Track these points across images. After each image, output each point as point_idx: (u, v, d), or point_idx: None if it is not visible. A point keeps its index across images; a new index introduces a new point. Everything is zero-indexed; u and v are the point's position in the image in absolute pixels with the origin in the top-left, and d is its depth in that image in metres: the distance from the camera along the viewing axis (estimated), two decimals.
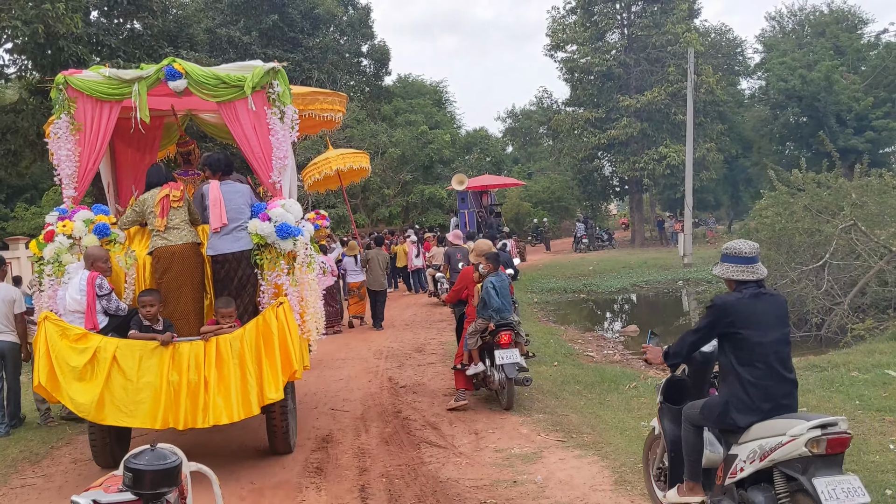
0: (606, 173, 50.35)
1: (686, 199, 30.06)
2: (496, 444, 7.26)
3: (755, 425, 4.35)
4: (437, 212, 40.28)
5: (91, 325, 6.53)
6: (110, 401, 6.28)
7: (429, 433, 7.75)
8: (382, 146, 35.92)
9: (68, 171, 6.94)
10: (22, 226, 36.22)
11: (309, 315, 7.05)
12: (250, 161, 7.18)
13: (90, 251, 6.71)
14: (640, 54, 43.17)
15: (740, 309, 4.46)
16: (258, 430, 7.72)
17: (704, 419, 4.65)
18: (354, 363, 11.92)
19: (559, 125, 45.83)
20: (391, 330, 15.39)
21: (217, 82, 6.93)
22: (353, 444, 7.51)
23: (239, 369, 6.41)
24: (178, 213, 6.97)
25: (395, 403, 9.11)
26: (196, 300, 7.04)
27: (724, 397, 4.51)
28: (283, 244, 6.81)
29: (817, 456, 4.03)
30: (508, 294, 8.62)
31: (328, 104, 9.23)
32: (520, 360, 8.33)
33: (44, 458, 7.64)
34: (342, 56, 40.95)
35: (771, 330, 4.42)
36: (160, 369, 6.37)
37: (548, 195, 55.86)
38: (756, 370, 4.38)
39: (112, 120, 7.03)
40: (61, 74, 7.00)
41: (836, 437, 4.04)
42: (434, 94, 54.50)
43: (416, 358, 12.12)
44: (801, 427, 4.08)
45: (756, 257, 4.57)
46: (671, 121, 41.69)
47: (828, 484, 3.97)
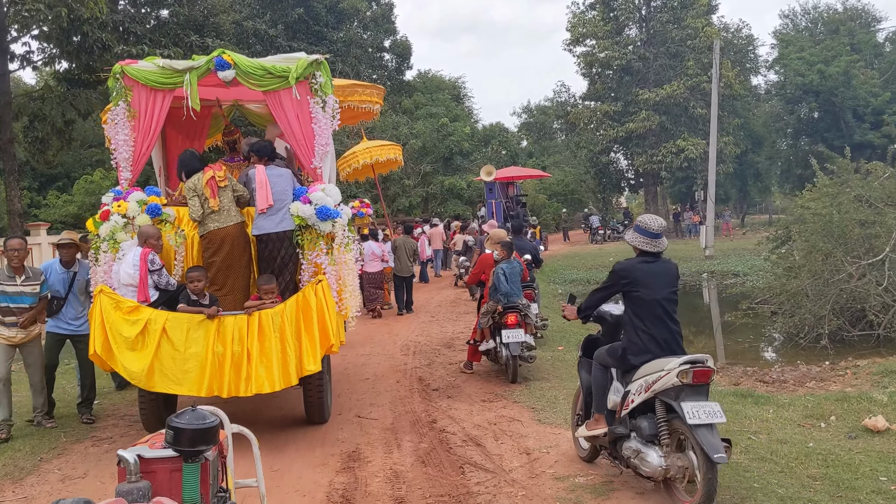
0: (621, 166, 48.70)
1: (708, 191, 28.76)
2: (554, 468, 5.84)
3: (644, 365, 5.06)
4: (456, 202, 39.15)
5: (143, 298, 6.75)
6: (159, 369, 6.50)
7: (472, 451, 6.32)
8: (403, 137, 34.76)
9: (124, 155, 7.16)
10: (53, 213, 35.50)
11: (346, 293, 7.22)
12: (293, 147, 7.40)
13: (143, 229, 6.93)
14: (660, 48, 41.70)
15: (635, 273, 5.22)
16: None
17: (609, 359, 5.39)
18: (380, 360, 10.56)
19: (577, 118, 44.34)
20: (416, 322, 14.15)
21: (263, 73, 7.13)
22: (385, 463, 6.12)
23: (279, 342, 6.61)
24: (225, 193, 7.15)
25: (428, 411, 7.71)
26: (244, 277, 7.26)
27: (623, 343, 5.30)
28: (323, 226, 6.99)
29: (686, 385, 4.75)
30: (518, 280, 9.08)
31: (367, 96, 9.37)
32: (527, 339, 8.86)
33: (29, 473, 6.36)
34: (365, 50, 39.94)
35: (660, 290, 5.16)
36: (206, 341, 6.58)
37: (562, 188, 54.54)
38: (647, 321, 5.14)
39: (165, 107, 7.23)
40: (118, 64, 7.22)
41: (700, 370, 4.78)
42: (452, 90, 53.40)
43: (446, 355, 10.74)
44: (675, 362, 4.83)
45: (661, 234, 5.32)
46: (689, 114, 40.33)
47: (693, 406, 4.70)
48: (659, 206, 50.48)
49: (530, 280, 10.57)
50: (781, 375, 10.07)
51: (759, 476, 5.46)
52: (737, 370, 10.64)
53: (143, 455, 3.21)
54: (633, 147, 43.34)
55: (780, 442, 6.29)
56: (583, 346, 5.96)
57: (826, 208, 13.23)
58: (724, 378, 9.89)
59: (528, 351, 9.04)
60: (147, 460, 3.21)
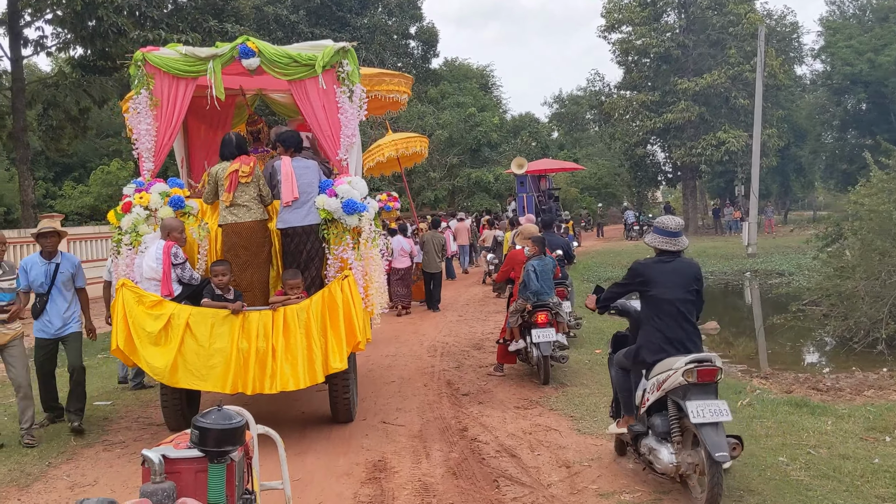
0: (658, 159, 48.07)
1: (752, 186, 28.24)
2: (598, 484, 5.55)
3: (658, 363, 5.21)
4: (483, 196, 38.80)
5: (166, 292, 6.75)
6: (183, 365, 6.51)
7: (506, 463, 6.08)
8: (429, 128, 34.53)
9: (147, 144, 7.15)
10: (69, 204, 35.91)
11: (373, 289, 7.22)
12: (319, 138, 7.34)
13: (166, 222, 6.92)
14: (700, 35, 41.05)
15: (650, 272, 5.39)
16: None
17: (626, 360, 5.60)
18: (406, 362, 10.35)
19: (612, 108, 43.81)
20: (443, 321, 13.95)
21: (289, 61, 7.08)
22: (413, 474, 5.90)
23: (305, 339, 6.61)
24: (248, 189, 7.08)
25: (458, 417, 7.48)
26: (261, 274, 7.22)
27: (639, 342, 5.46)
28: (349, 220, 6.96)
29: (692, 384, 4.90)
30: (550, 277, 8.97)
31: (394, 85, 9.30)
32: (559, 338, 8.80)
33: (36, 479, 6.17)
34: (390, 37, 39.84)
35: (675, 289, 5.30)
36: (231, 336, 6.58)
37: (595, 181, 53.92)
38: (661, 320, 5.29)
39: (188, 96, 7.21)
40: (140, 51, 7.17)
41: (704, 369, 4.91)
42: (480, 79, 53.06)
43: (475, 357, 10.52)
44: (681, 361, 4.98)
45: (679, 232, 5.48)
46: (730, 105, 39.60)
47: (697, 405, 4.82)
48: (697, 202, 49.81)
49: (563, 277, 10.46)
50: (836, 383, 9.72)
51: (822, 495, 5.21)
52: (787, 376, 10.29)
53: (168, 455, 3.22)
54: (670, 139, 42.80)
55: (843, 457, 6.00)
56: (612, 343, 6.20)
57: (883, 205, 12.80)
58: (774, 385, 9.57)
59: (561, 351, 8.96)
60: (172, 460, 3.23)
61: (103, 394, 9.11)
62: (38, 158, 35.43)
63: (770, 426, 6.90)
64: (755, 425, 6.94)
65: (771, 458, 5.98)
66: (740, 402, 7.79)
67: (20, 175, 22.37)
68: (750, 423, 7.04)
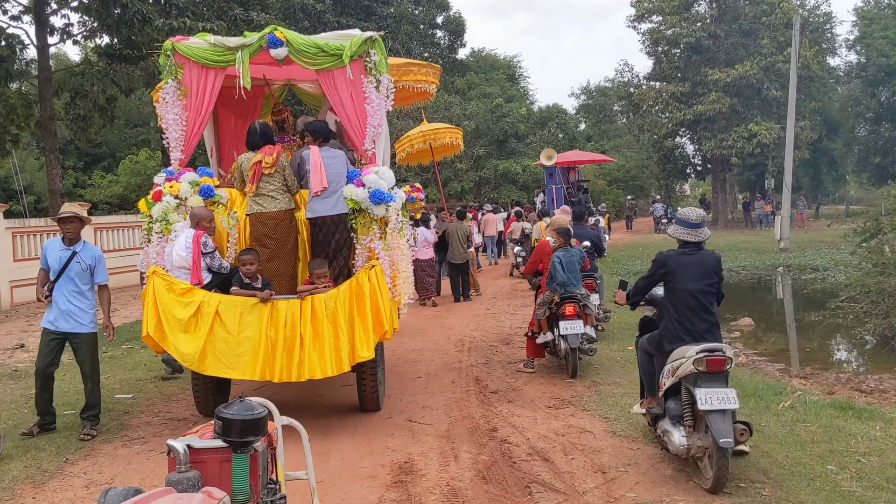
0: (688, 151, 47.30)
1: (785, 179, 27.68)
2: (636, 492, 5.26)
3: (674, 350, 5.46)
4: (510, 188, 38.41)
5: (196, 280, 6.81)
6: (212, 352, 6.60)
7: (538, 467, 5.80)
8: (456, 119, 34.13)
9: (175, 134, 7.20)
10: (99, 193, 36.14)
11: (400, 279, 7.28)
12: (346, 128, 7.37)
13: (196, 211, 6.98)
14: (732, 25, 40.23)
15: (672, 262, 5.60)
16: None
17: (649, 346, 5.86)
18: (433, 356, 10.10)
19: (641, 99, 43.16)
20: (470, 314, 13.72)
21: (317, 51, 7.11)
22: (440, 478, 5.64)
23: (332, 328, 6.67)
24: (273, 179, 7.13)
25: (487, 417, 7.19)
26: (287, 263, 7.28)
27: (660, 330, 5.71)
28: (376, 210, 6.99)
29: (702, 372, 5.15)
30: (577, 269, 8.93)
31: (422, 75, 9.31)
32: (587, 331, 8.76)
33: (52, 476, 5.98)
34: (416, 27, 39.53)
35: (695, 281, 5.49)
36: (259, 325, 6.66)
37: (622, 173, 53.27)
38: (680, 311, 5.51)
39: (217, 86, 7.26)
40: (169, 41, 7.23)
41: (713, 358, 5.15)
42: (507, 69, 52.54)
43: (504, 352, 10.24)
44: (693, 350, 5.23)
45: (701, 223, 5.64)
46: (762, 96, 38.73)
47: (706, 393, 5.08)
48: (727, 195, 48.98)
49: (592, 269, 10.43)
50: (880, 384, 9.35)
51: None
52: (828, 376, 9.90)
53: (193, 445, 3.27)
54: (700, 131, 42.10)
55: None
56: (640, 326, 6.46)
57: None
58: (815, 386, 9.18)
59: (589, 344, 8.91)
60: (197, 450, 3.28)
61: (125, 386, 8.98)
62: (67, 148, 35.64)
63: (815, 431, 6.56)
64: (799, 430, 6.60)
65: (819, 467, 5.65)
66: (781, 405, 7.43)
67: (48, 164, 22.41)
68: (793, 427, 6.70)
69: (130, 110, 38.81)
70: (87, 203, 21.67)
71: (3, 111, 21.62)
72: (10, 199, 30.75)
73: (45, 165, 23.50)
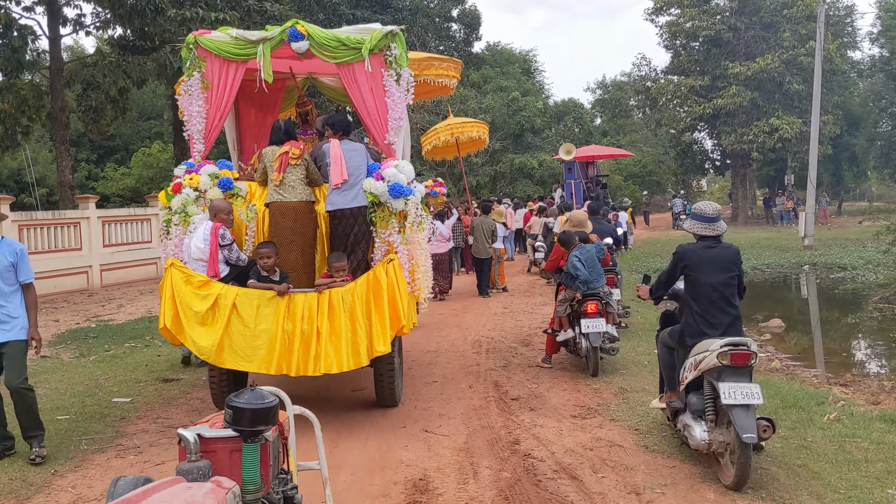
0: (707, 146, 46.48)
1: (809, 174, 27.07)
2: None
3: (697, 344, 5.47)
4: (526, 182, 37.89)
5: (213, 272, 6.82)
6: (229, 345, 6.60)
7: (566, 486, 5.31)
8: (471, 112, 33.61)
9: (197, 126, 7.25)
10: (111, 186, 35.94)
11: (419, 273, 7.27)
12: (366, 122, 7.39)
13: (214, 203, 7.01)
14: (752, 18, 39.45)
15: (693, 256, 5.61)
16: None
17: (671, 340, 5.87)
18: (449, 358, 9.61)
19: (659, 93, 42.34)
20: (488, 313, 13.23)
21: (337, 44, 7.14)
22: (459, 497, 5.22)
23: (349, 321, 6.65)
24: (296, 171, 7.18)
25: (508, 427, 6.67)
26: (305, 255, 7.28)
27: (681, 324, 5.75)
28: (395, 203, 6.99)
29: (726, 366, 5.11)
30: (597, 264, 8.77)
31: (443, 70, 9.39)
32: (608, 329, 8.61)
33: (39, 490, 5.52)
34: (432, 19, 38.96)
35: (716, 274, 5.51)
36: (276, 318, 6.65)
37: (639, 169, 52.54)
38: (702, 304, 5.53)
39: (238, 79, 7.32)
40: (192, 35, 7.31)
41: (738, 352, 5.10)
42: (523, 63, 51.90)
43: (524, 354, 9.77)
44: (717, 344, 5.20)
45: (718, 217, 5.68)
46: (784, 90, 37.92)
47: (730, 387, 5.04)
48: (747, 191, 48.13)
49: (612, 265, 10.30)
50: None
51: None
52: (870, 383, 9.28)
53: (204, 434, 3.26)
54: (720, 125, 41.40)
55: None
56: (661, 320, 6.45)
57: None
58: (857, 394, 8.57)
59: (611, 343, 8.76)
60: (207, 440, 3.26)
61: (124, 388, 8.49)
62: (80, 140, 35.43)
63: (867, 448, 6.00)
64: (850, 447, 6.03)
65: (879, 492, 5.14)
66: (826, 417, 6.86)
67: (58, 156, 22.11)
68: (843, 443, 6.13)
69: (144, 103, 38.55)
70: (94, 196, 21.15)
71: (15, 102, 21.41)
72: (23, 192, 30.49)
73: (56, 157, 23.15)
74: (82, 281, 17.83)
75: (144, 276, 19.71)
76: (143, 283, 19.22)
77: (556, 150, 39.21)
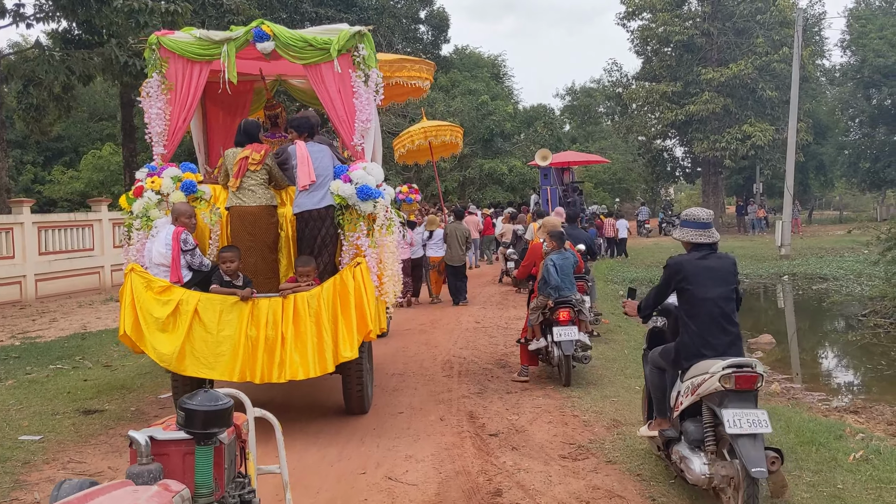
0: (678, 153, 46.23)
1: (787, 182, 26.96)
2: None
3: (693, 365, 4.96)
4: (496, 188, 36.99)
5: (175, 278, 6.80)
6: (191, 352, 6.55)
7: None
8: (440, 115, 32.76)
9: (159, 129, 7.27)
10: (58, 189, 34.72)
11: (387, 277, 7.29)
12: (334, 123, 7.47)
13: (176, 207, 7.00)
14: (725, 23, 39.19)
15: (689, 267, 5.10)
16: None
17: (663, 361, 5.36)
18: (416, 383, 8.77)
19: (631, 99, 41.90)
20: (458, 329, 12.33)
21: (304, 45, 7.17)
22: None
23: (315, 327, 6.63)
24: (256, 175, 7.14)
25: (487, 472, 5.78)
26: (266, 260, 7.25)
27: (676, 344, 5.19)
28: (364, 206, 6.99)
29: (730, 391, 4.57)
30: (571, 273, 8.79)
31: (416, 72, 9.42)
32: (581, 338, 8.57)
33: None
34: (399, 20, 38.12)
35: (715, 287, 5.02)
36: (239, 324, 6.62)
37: (608, 176, 52.20)
38: (699, 321, 5.01)
39: (202, 80, 7.34)
40: (154, 35, 7.32)
41: (743, 375, 4.58)
42: (492, 68, 51.53)
43: (501, 378, 8.97)
44: (718, 366, 4.68)
45: (710, 223, 5.24)
46: (757, 97, 37.68)
47: (734, 414, 4.51)
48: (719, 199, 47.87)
49: (584, 272, 10.32)
50: None
51: None
52: (882, 410, 8.54)
53: (156, 437, 3.23)
54: (693, 132, 41.10)
55: None
56: (647, 339, 5.99)
57: None
58: (873, 423, 7.82)
59: (583, 351, 8.76)
60: (160, 442, 3.22)
61: (36, 422, 7.29)
62: (26, 142, 33.93)
63: None
64: (888, 495, 5.12)
65: None
66: (852, 456, 6.00)
67: None
68: (880, 491, 5.28)
69: (95, 103, 37.19)
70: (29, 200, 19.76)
71: None
72: None
73: None
74: (14, 292, 16.51)
75: (85, 287, 18.45)
76: (84, 295, 17.98)
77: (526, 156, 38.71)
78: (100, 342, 11.65)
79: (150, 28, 17.76)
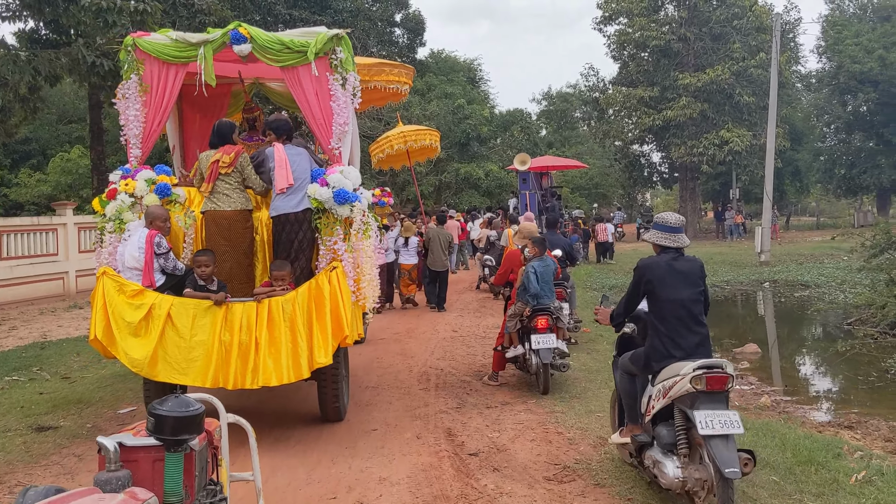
0: (655, 158, 46.30)
1: (766, 188, 26.89)
2: None
3: (664, 368, 4.98)
4: (472, 193, 36.74)
5: (148, 282, 6.72)
6: (163, 357, 6.48)
7: None
8: (416, 119, 32.40)
9: (134, 131, 7.21)
10: (25, 193, 33.99)
11: (364, 282, 7.24)
12: (311, 127, 7.44)
13: (150, 210, 6.94)
14: (702, 28, 39.25)
15: (657, 270, 5.16)
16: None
17: (633, 366, 5.37)
18: (391, 397, 8.45)
19: (608, 104, 41.79)
20: (435, 338, 12.02)
21: (281, 47, 7.14)
22: None
23: (290, 332, 6.57)
24: (229, 178, 7.08)
25: (468, 497, 5.45)
26: (240, 265, 7.18)
27: (646, 348, 5.22)
28: (340, 210, 6.93)
29: (701, 392, 4.62)
30: (551, 279, 8.75)
31: (395, 76, 9.39)
32: (559, 345, 8.53)
33: None
34: (374, 23, 37.71)
35: (683, 289, 5.08)
36: (213, 328, 6.54)
37: (585, 181, 52.17)
38: (668, 323, 5.06)
39: (178, 82, 7.30)
40: (130, 36, 7.27)
41: (714, 376, 4.63)
42: (468, 72, 51.34)
43: (480, 391, 8.70)
44: (689, 367, 4.72)
45: (681, 228, 5.30)
46: (734, 102, 37.73)
47: (706, 416, 4.55)
48: (696, 204, 47.97)
49: (563, 278, 10.31)
50: None
51: None
52: (878, 425, 8.25)
53: (125, 443, 3.21)
54: (670, 137, 41.12)
55: None
56: (617, 345, 6.01)
57: None
58: (870, 439, 7.57)
59: (561, 359, 8.73)
60: (129, 449, 3.21)
61: None
62: None
63: None
64: None
65: None
66: (854, 477, 5.70)
67: None
68: None
69: (64, 105, 36.39)
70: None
71: None
72: None
73: None
74: None
75: (48, 293, 17.87)
76: (46, 301, 17.42)
77: (503, 160, 38.51)
78: (60, 352, 11.20)
79: (118, 28, 17.28)
